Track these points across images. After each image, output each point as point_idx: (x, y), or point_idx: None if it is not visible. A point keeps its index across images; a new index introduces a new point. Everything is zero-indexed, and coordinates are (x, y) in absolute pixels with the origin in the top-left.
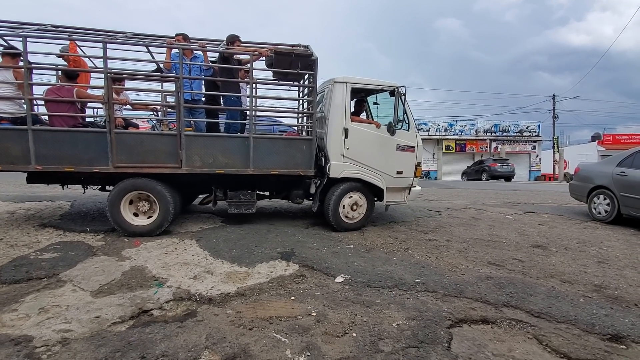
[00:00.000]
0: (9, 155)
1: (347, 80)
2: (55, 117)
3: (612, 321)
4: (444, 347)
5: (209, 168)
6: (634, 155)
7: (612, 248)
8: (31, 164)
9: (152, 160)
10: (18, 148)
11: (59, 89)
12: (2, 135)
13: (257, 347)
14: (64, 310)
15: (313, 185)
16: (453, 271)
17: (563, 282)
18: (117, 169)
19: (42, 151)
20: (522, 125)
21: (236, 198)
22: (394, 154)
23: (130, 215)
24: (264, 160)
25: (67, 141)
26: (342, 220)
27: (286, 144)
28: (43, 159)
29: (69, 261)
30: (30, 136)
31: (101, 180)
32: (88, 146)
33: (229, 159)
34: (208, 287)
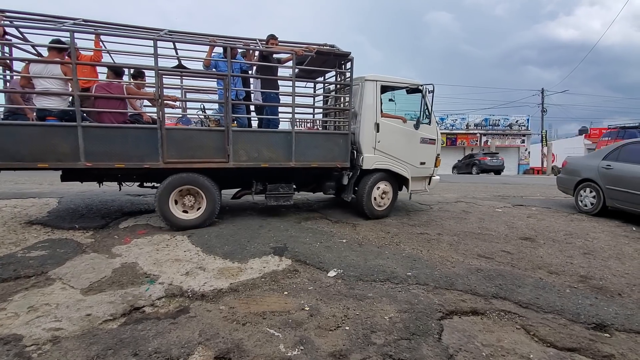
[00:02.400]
0: (56, 152)
1: (377, 79)
2: (104, 113)
3: (596, 311)
4: (435, 338)
5: (255, 162)
6: (620, 149)
7: (598, 240)
8: (80, 160)
9: (201, 156)
10: (66, 145)
11: (108, 85)
12: (50, 132)
13: (251, 342)
14: (54, 308)
15: (346, 177)
16: (444, 264)
17: (550, 274)
18: (168, 164)
19: (92, 148)
20: (512, 119)
21: (275, 191)
22: (418, 146)
23: (178, 210)
24: (304, 154)
25: (117, 138)
26: (374, 208)
27: (325, 138)
28: (92, 156)
29: (58, 259)
30: (80, 132)
31: (139, 177)
32: (138, 142)
33: (272, 153)
34: (200, 283)
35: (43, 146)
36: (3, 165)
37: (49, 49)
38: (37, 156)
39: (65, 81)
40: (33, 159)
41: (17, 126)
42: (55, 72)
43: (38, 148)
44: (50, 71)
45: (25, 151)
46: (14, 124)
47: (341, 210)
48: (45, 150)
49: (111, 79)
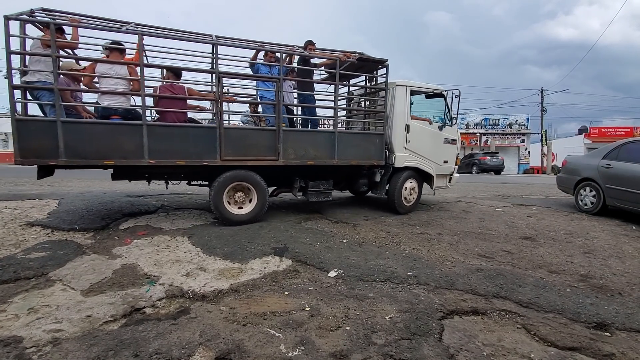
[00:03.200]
0: (122, 150)
1: (407, 84)
2: (168, 112)
3: (597, 310)
4: (436, 338)
5: (301, 160)
6: (619, 148)
7: (598, 239)
8: (144, 158)
9: (254, 153)
10: (131, 143)
11: (172, 86)
12: (116, 131)
13: (251, 342)
14: (54, 310)
15: (378, 175)
16: (444, 264)
17: (550, 273)
18: (224, 161)
19: (155, 146)
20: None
21: (316, 187)
22: (442, 146)
23: (231, 205)
24: (345, 153)
25: (179, 136)
26: (404, 203)
27: (363, 138)
28: (156, 153)
29: (58, 260)
30: (145, 131)
31: (187, 175)
32: (198, 141)
33: (317, 151)
34: (201, 283)
35: (109, 144)
36: (69, 163)
37: (112, 50)
38: (103, 153)
39: (128, 81)
40: (99, 156)
41: (85, 124)
42: (121, 73)
43: (104, 146)
44: (117, 71)
45: (92, 149)
46: (81, 122)
47: (341, 211)
48: (111, 148)
49: (172, 80)
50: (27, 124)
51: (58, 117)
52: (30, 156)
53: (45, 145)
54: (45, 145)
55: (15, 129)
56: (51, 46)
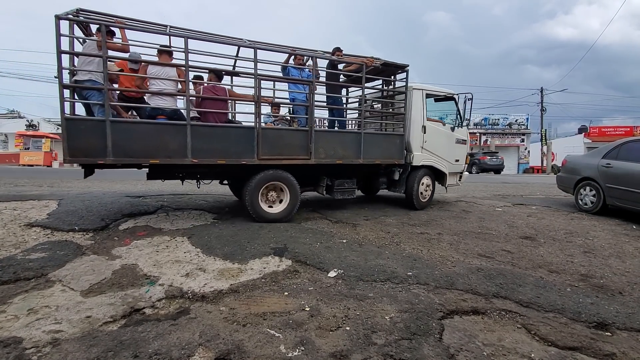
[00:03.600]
0: (167, 149)
1: (422, 88)
2: (210, 113)
3: (597, 309)
4: (436, 338)
5: (331, 159)
6: (619, 147)
7: (598, 238)
8: (187, 157)
9: (288, 153)
10: (176, 142)
11: (214, 87)
12: (162, 130)
13: (251, 343)
14: (54, 310)
15: (397, 173)
16: (444, 264)
17: (551, 272)
18: (261, 160)
19: (198, 145)
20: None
21: (341, 186)
22: (454, 146)
23: (265, 204)
24: (370, 152)
25: (220, 136)
26: (420, 200)
27: (385, 138)
28: (198, 153)
29: (58, 261)
30: (189, 131)
31: (218, 175)
32: (238, 141)
33: (345, 151)
34: (201, 284)
35: (155, 143)
36: (117, 162)
37: (162, 52)
38: (149, 153)
39: (175, 82)
40: (145, 155)
41: (132, 124)
42: (170, 74)
43: (150, 145)
44: (167, 73)
45: (138, 148)
46: (129, 122)
47: (341, 211)
48: (157, 147)
49: (214, 82)
50: (77, 124)
51: (107, 116)
52: (79, 155)
53: (93, 144)
54: (93, 145)
55: (64, 128)
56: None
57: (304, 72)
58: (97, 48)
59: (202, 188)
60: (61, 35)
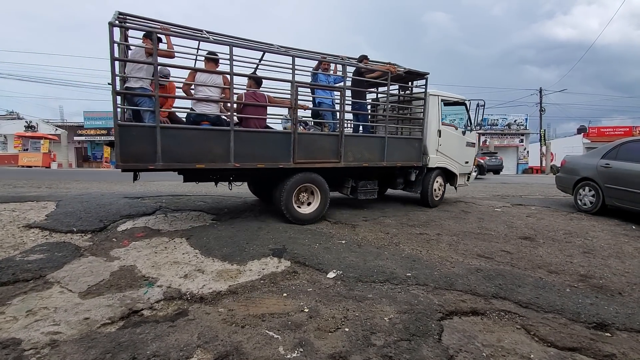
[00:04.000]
0: (211, 154)
1: (438, 94)
2: (250, 119)
3: (597, 310)
4: (435, 339)
5: (358, 162)
6: (618, 147)
7: (597, 238)
8: (230, 161)
9: (320, 157)
10: (220, 147)
11: (254, 93)
12: (207, 136)
13: (250, 344)
14: (52, 312)
15: (413, 174)
16: (443, 264)
17: (550, 273)
18: (297, 164)
19: (240, 150)
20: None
21: (364, 187)
22: (464, 148)
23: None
24: (392, 155)
25: (260, 141)
26: (434, 199)
27: (405, 142)
28: (240, 157)
29: (56, 262)
30: (232, 136)
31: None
32: (276, 145)
33: (371, 154)
34: (199, 285)
35: (200, 148)
36: (166, 167)
37: (209, 60)
38: (195, 157)
39: (220, 89)
40: (192, 160)
41: (180, 130)
42: (217, 82)
43: (196, 150)
44: (214, 80)
45: (186, 153)
46: (177, 127)
47: (340, 212)
48: (202, 152)
49: (253, 88)
50: (129, 130)
51: (157, 123)
52: (130, 160)
53: (144, 150)
54: (144, 150)
55: (117, 134)
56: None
57: (331, 77)
58: (145, 55)
59: (201, 189)
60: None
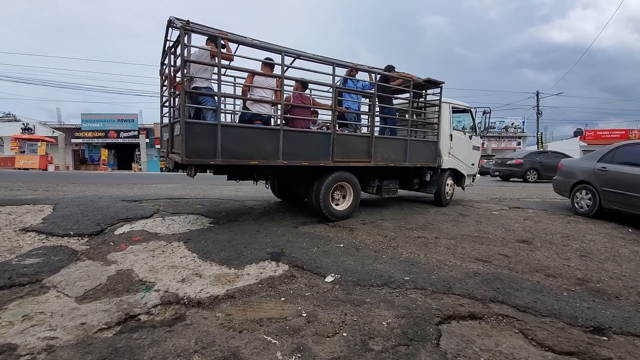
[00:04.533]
0: (263, 151)
1: (449, 102)
2: (297, 120)
3: (594, 314)
4: (433, 344)
5: (385, 162)
6: (615, 150)
7: (594, 242)
8: (279, 159)
9: (354, 156)
10: (270, 145)
11: (301, 96)
12: (260, 134)
13: (248, 349)
14: (49, 317)
15: (428, 175)
16: (441, 268)
17: (547, 277)
18: (335, 162)
19: (287, 149)
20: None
21: (387, 186)
22: (471, 151)
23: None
24: (413, 157)
25: (305, 140)
26: (446, 198)
27: (423, 144)
28: (287, 155)
29: (53, 266)
30: (281, 135)
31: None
32: (318, 145)
33: (396, 155)
34: (197, 290)
35: (254, 146)
36: (224, 162)
37: (265, 64)
38: (249, 154)
39: (273, 91)
40: (246, 157)
41: (238, 128)
42: (271, 84)
43: (250, 147)
44: (269, 83)
45: (241, 150)
46: (235, 126)
47: None
48: (255, 150)
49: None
50: (194, 127)
51: (219, 121)
52: (193, 156)
53: (206, 146)
54: (206, 147)
55: (184, 131)
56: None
57: (358, 83)
58: (209, 57)
59: (199, 192)
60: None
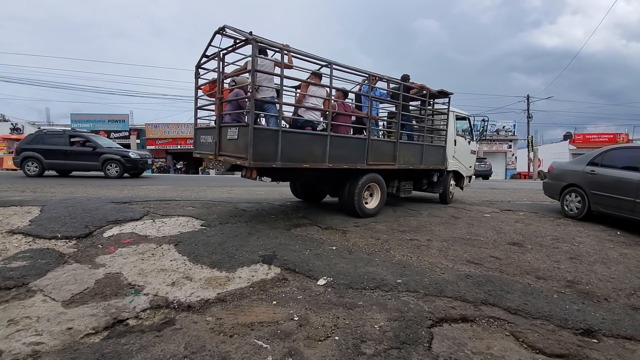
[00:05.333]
0: (313, 155)
1: (454, 110)
2: (340, 126)
3: (584, 316)
4: (425, 347)
5: (406, 165)
6: (603, 154)
7: (583, 244)
8: (326, 162)
9: (383, 160)
10: (319, 150)
11: (343, 104)
12: (312, 140)
13: (238, 354)
14: (35, 321)
15: (435, 176)
16: (433, 270)
17: (538, 279)
18: (369, 165)
19: (333, 153)
20: (499, 125)
21: (404, 187)
22: (469, 155)
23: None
24: (427, 160)
25: (346, 145)
26: (449, 197)
27: (435, 149)
28: (332, 159)
29: (39, 270)
30: (329, 140)
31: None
32: (356, 149)
33: (414, 158)
34: (187, 293)
35: (306, 150)
36: (283, 165)
37: (316, 75)
38: (302, 158)
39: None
40: (300, 160)
41: (294, 133)
42: (322, 93)
43: (304, 151)
44: (319, 92)
45: (297, 154)
46: (292, 132)
47: (331, 217)
48: (307, 154)
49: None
50: (260, 132)
51: (279, 127)
52: (258, 160)
53: (269, 150)
54: (269, 151)
55: (252, 136)
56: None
57: (377, 91)
58: (272, 67)
59: (190, 194)
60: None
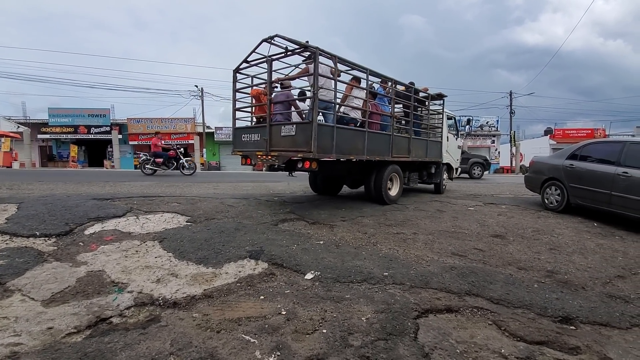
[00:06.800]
0: (356, 149)
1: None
2: (373, 123)
3: (562, 304)
4: (411, 337)
5: (416, 158)
6: (581, 149)
7: (562, 235)
8: (364, 155)
9: (402, 153)
10: (360, 144)
11: (375, 104)
12: (356, 135)
13: (226, 350)
14: (13, 322)
15: (433, 168)
16: (419, 263)
17: (519, 269)
18: (393, 158)
19: (369, 147)
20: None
21: (412, 178)
22: (457, 150)
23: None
24: (430, 153)
25: (377, 140)
26: (443, 186)
27: (434, 143)
28: (369, 152)
29: (17, 269)
30: (367, 136)
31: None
32: (383, 143)
33: (422, 152)
34: (172, 290)
35: (352, 144)
36: (337, 157)
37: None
38: (349, 151)
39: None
40: (347, 153)
41: (343, 130)
42: (361, 95)
43: (350, 145)
44: (361, 94)
45: (346, 147)
46: (343, 128)
47: (318, 212)
48: (352, 147)
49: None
50: (321, 129)
51: (335, 123)
52: (320, 152)
53: (327, 144)
54: (328, 144)
55: (316, 132)
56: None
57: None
58: (329, 73)
59: (175, 190)
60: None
